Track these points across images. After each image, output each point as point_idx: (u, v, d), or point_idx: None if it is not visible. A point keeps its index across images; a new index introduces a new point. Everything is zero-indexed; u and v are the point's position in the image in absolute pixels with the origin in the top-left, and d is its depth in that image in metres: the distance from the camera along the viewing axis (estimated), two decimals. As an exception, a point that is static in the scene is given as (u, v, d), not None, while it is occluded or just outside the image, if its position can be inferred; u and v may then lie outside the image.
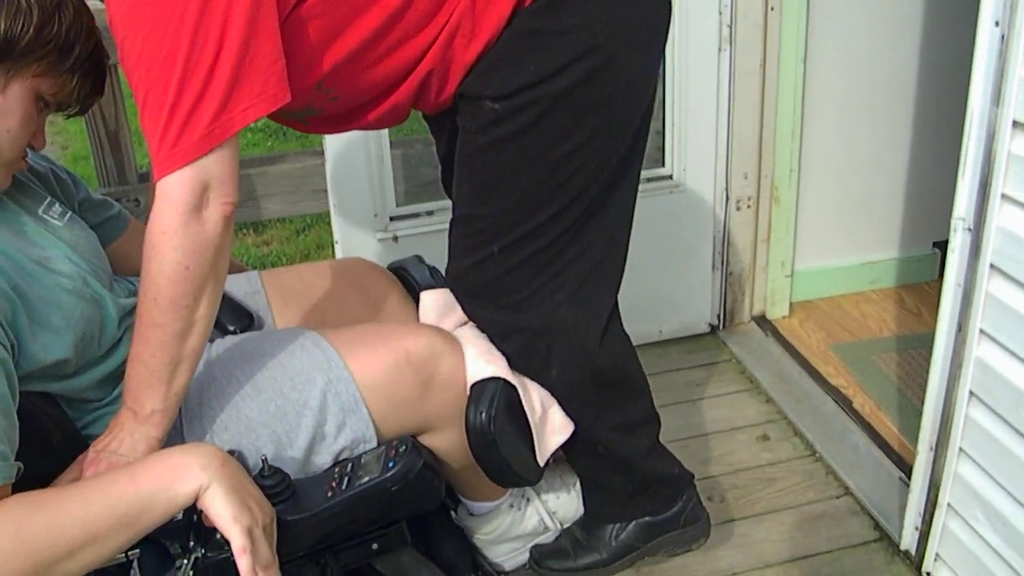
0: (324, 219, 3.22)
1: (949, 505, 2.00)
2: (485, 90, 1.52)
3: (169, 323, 1.32)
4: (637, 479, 1.87)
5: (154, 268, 1.30)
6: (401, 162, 2.82)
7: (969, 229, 1.78)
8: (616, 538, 1.91)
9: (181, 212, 1.28)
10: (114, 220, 1.71)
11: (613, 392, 1.77)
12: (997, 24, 1.62)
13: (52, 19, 1.31)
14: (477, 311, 1.68)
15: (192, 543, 1.29)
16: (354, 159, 2.55)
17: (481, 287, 1.66)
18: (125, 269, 1.71)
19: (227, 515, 1.21)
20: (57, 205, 1.50)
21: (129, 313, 1.50)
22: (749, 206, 2.94)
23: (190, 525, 1.27)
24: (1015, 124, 1.64)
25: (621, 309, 2.16)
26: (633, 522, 1.91)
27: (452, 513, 1.80)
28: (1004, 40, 1.61)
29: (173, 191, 1.28)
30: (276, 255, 4.04)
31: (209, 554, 1.28)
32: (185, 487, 1.21)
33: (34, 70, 1.32)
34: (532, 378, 1.70)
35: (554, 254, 1.60)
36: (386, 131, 2.55)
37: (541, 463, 1.64)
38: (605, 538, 1.90)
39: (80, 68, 1.37)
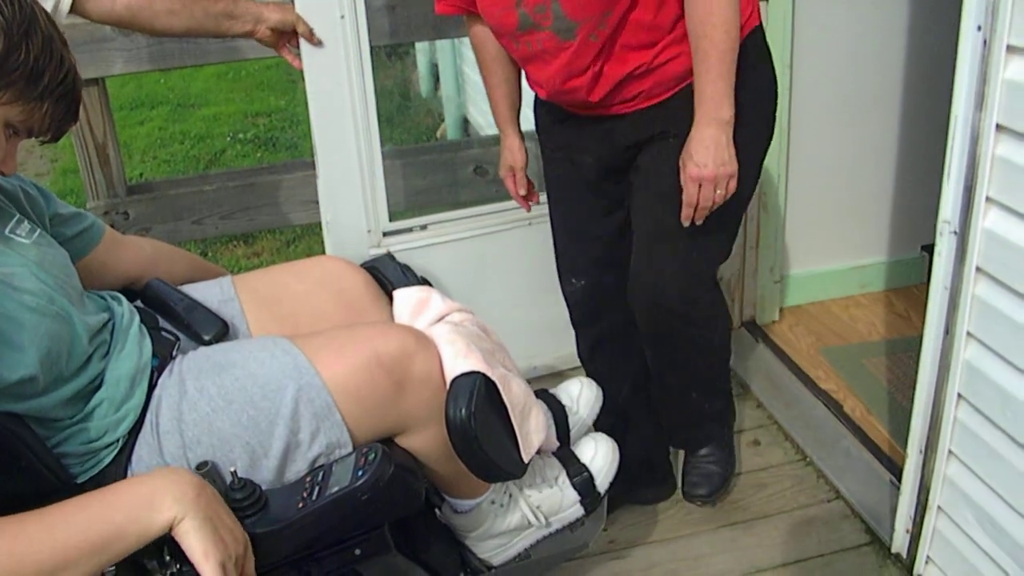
0: (315, 230, 3.23)
1: (939, 507, 2.01)
2: None
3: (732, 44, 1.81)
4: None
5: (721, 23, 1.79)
6: (391, 175, 2.82)
7: (955, 232, 1.79)
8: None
9: None
10: (89, 232, 1.70)
11: None
12: (979, 29, 1.63)
13: (19, 47, 1.29)
14: None
15: (168, 558, 1.29)
16: (347, 174, 2.55)
17: None
18: (103, 280, 1.71)
19: (200, 550, 1.23)
20: (25, 223, 1.49)
21: (100, 331, 1.50)
22: (737, 212, 2.95)
23: (165, 541, 1.27)
24: (998, 127, 1.65)
25: None
26: None
27: (437, 511, 1.80)
28: (986, 44, 1.62)
29: None
30: (267, 266, 4.04)
31: (184, 568, 1.27)
32: (158, 518, 1.22)
33: (2, 98, 1.31)
34: None
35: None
36: (378, 146, 2.55)
37: (525, 458, 1.65)
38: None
39: (50, 96, 1.35)
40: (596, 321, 2.39)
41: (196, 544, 1.22)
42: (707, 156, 1.85)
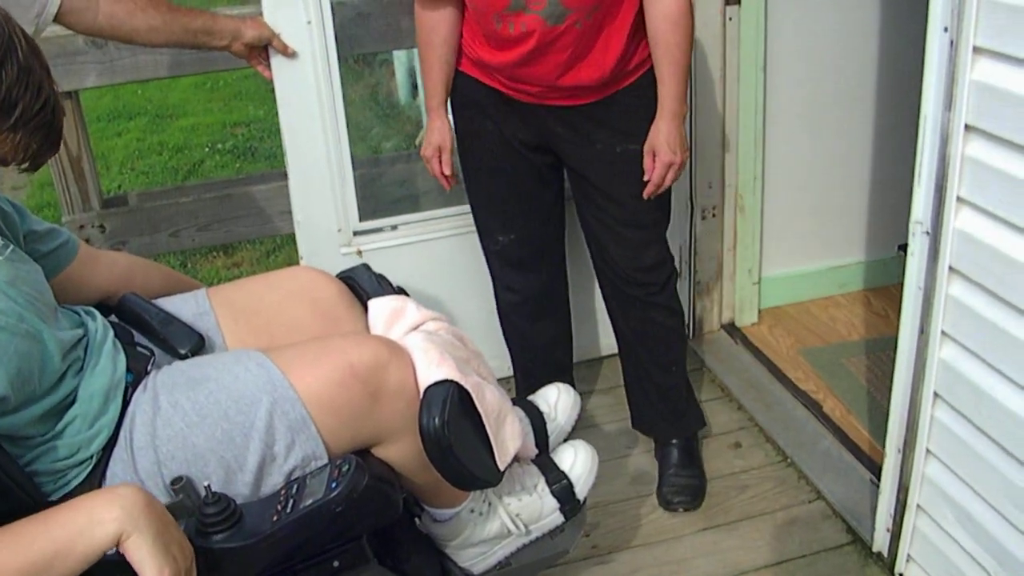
0: (294, 239, 3.22)
1: (919, 506, 2.02)
2: None
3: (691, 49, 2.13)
4: None
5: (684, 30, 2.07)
6: (369, 183, 2.83)
7: (927, 232, 1.80)
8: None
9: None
10: (64, 248, 1.69)
11: None
12: (946, 30, 1.64)
13: None
14: None
15: None
16: (317, 176, 2.56)
17: None
18: (78, 295, 1.70)
19: (153, 567, 1.21)
20: None
21: (73, 347, 1.49)
22: (714, 215, 2.96)
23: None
24: (967, 128, 1.66)
25: (587, 321, 2.87)
26: None
27: (416, 521, 1.80)
28: (953, 45, 1.63)
29: None
30: (247, 276, 4.02)
31: None
32: (103, 532, 1.20)
33: None
34: None
35: None
36: (347, 146, 2.57)
37: (501, 466, 1.65)
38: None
39: (24, 127, 1.34)
40: (522, 273, 2.54)
41: (148, 560, 1.21)
42: (675, 145, 2.16)
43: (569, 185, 2.45)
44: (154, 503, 1.27)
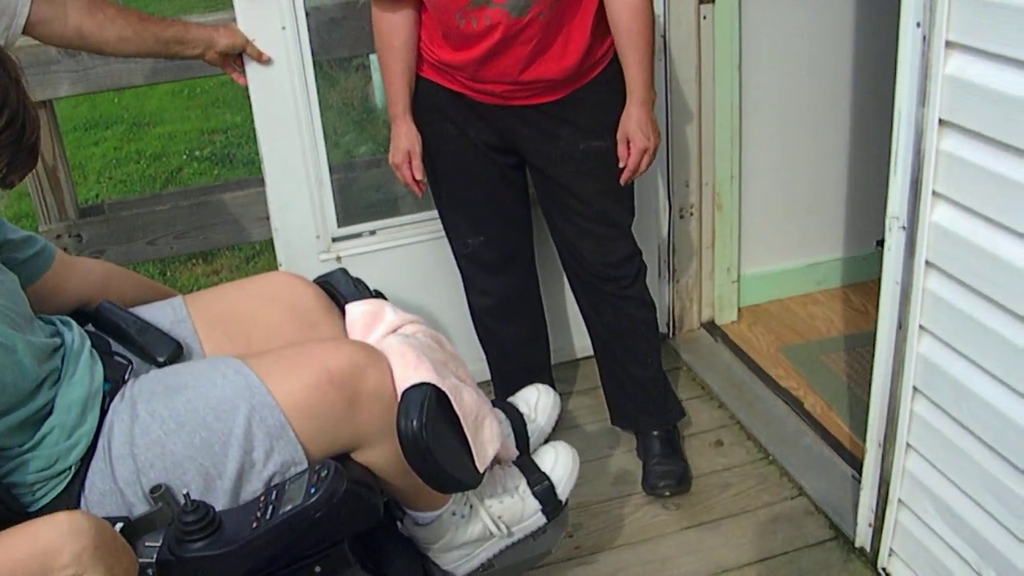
0: (273, 246, 3.21)
1: (900, 500, 2.03)
2: None
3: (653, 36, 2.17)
4: None
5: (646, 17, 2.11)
6: (345, 188, 2.82)
7: (904, 227, 1.81)
8: None
9: None
10: (40, 256, 1.68)
11: None
12: (919, 25, 1.65)
13: None
14: None
15: None
16: (294, 182, 2.56)
17: None
18: (55, 302, 1.69)
19: None
20: None
21: (50, 356, 1.49)
22: (692, 214, 2.96)
23: None
24: (942, 122, 1.67)
25: (561, 324, 2.94)
26: None
27: (399, 524, 1.79)
28: (926, 40, 1.64)
29: None
30: (227, 283, 4.01)
31: None
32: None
33: None
34: None
35: None
36: (324, 152, 2.56)
37: (480, 468, 1.65)
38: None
39: None
40: (493, 275, 2.56)
41: None
42: (649, 130, 2.20)
43: (534, 186, 2.46)
44: (105, 534, 1.25)
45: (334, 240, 2.67)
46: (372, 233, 2.72)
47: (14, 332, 1.42)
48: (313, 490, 1.39)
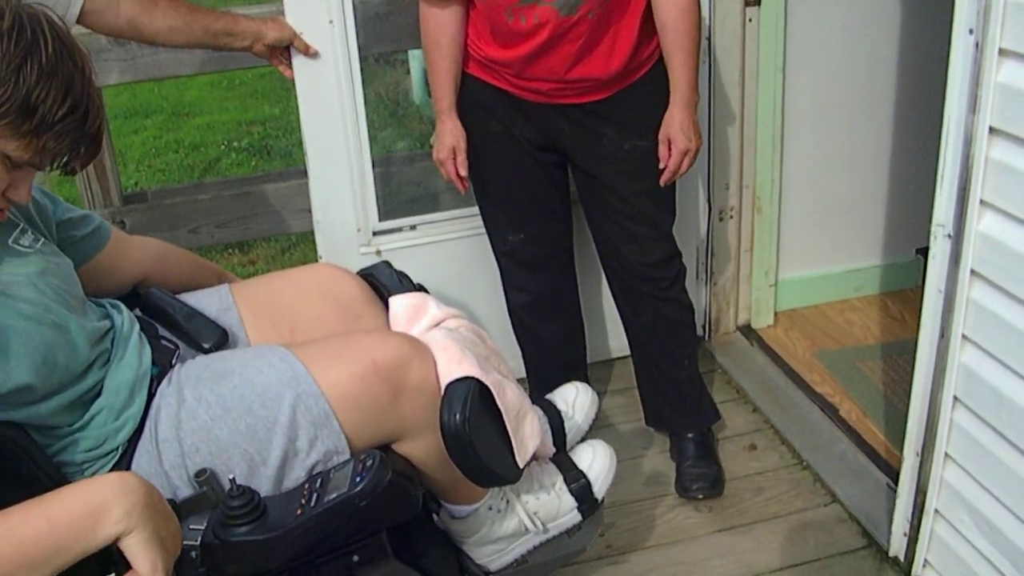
0: (309, 237, 3.23)
1: (936, 510, 2.01)
2: None
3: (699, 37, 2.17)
4: None
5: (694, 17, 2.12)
6: (384, 182, 2.84)
7: (949, 236, 1.80)
8: None
9: None
10: (97, 233, 1.71)
11: None
12: (971, 32, 1.64)
13: (8, 81, 1.26)
14: None
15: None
16: (337, 175, 2.57)
17: None
18: (114, 279, 1.72)
19: (148, 562, 1.21)
20: (29, 233, 1.49)
21: (101, 339, 1.50)
22: (732, 216, 2.96)
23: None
24: (992, 130, 1.66)
25: (598, 323, 2.94)
26: None
27: (434, 517, 1.80)
28: (978, 48, 1.63)
29: None
30: (262, 273, 4.03)
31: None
32: (104, 532, 1.20)
33: None
34: None
35: None
36: (367, 146, 2.58)
37: (520, 463, 1.65)
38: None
39: (48, 130, 1.31)
40: (532, 273, 2.56)
41: (144, 557, 1.20)
42: (691, 132, 2.21)
43: (575, 184, 2.47)
44: (153, 496, 1.26)
45: (375, 234, 2.68)
46: (412, 228, 2.74)
47: (69, 313, 1.44)
48: (359, 479, 1.40)
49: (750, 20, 2.73)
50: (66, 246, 1.62)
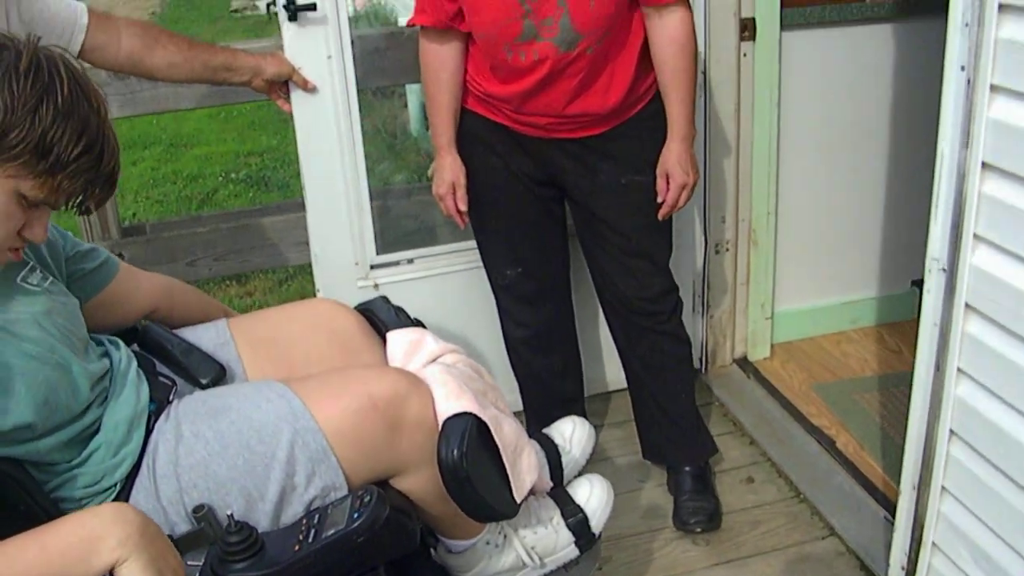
0: (307, 269, 3.24)
1: (934, 544, 2.01)
2: None
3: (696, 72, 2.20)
4: None
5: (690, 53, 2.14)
6: (382, 214, 2.85)
7: (944, 269, 1.80)
8: None
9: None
10: (106, 265, 1.73)
11: None
12: (963, 68, 1.66)
13: (23, 121, 1.28)
14: None
15: None
16: (335, 209, 2.59)
17: None
18: (121, 313, 1.74)
19: None
20: (38, 271, 1.50)
21: (101, 378, 1.51)
22: (728, 249, 2.97)
23: None
24: (984, 165, 1.67)
25: (595, 356, 2.96)
26: None
27: (432, 552, 1.80)
28: (970, 84, 1.64)
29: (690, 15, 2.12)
30: (259, 306, 4.04)
31: None
32: (100, 561, 1.20)
33: (7, 170, 1.30)
34: None
35: None
36: (365, 181, 2.59)
37: (518, 499, 1.65)
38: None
39: (63, 170, 1.32)
40: (530, 307, 2.56)
41: None
42: (688, 166, 2.22)
43: (572, 218, 2.48)
44: (149, 527, 1.27)
45: (372, 267, 2.69)
46: (410, 261, 2.75)
47: (72, 354, 1.45)
48: (356, 515, 1.40)
49: (745, 55, 2.76)
50: (75, 280, 1.63)
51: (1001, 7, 1.57)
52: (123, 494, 1.46)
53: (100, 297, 1.69)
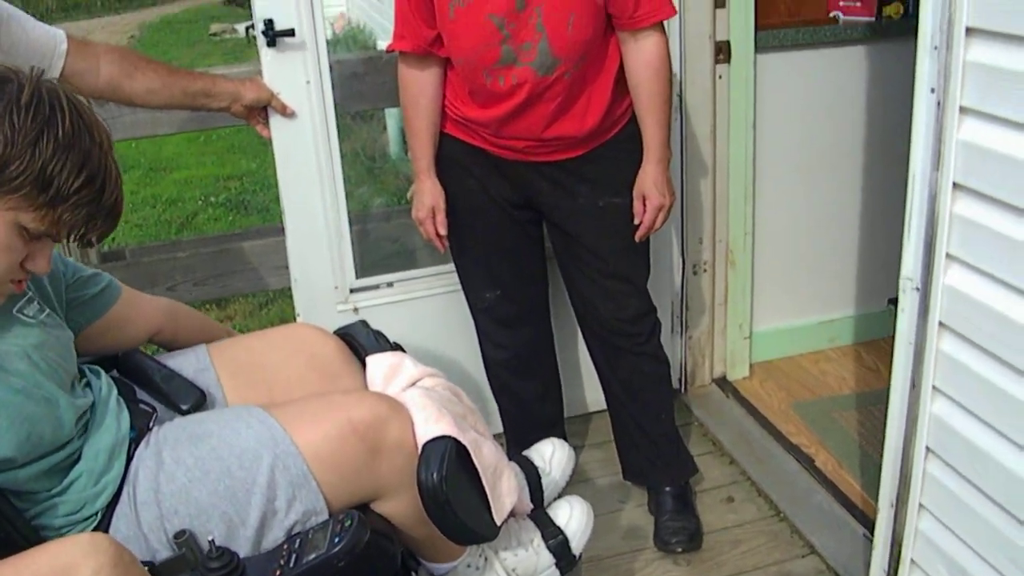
0: (287, 293, 3.24)
1: (912, 560, 2.02)
2: None
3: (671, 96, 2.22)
4: None
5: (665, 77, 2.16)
6: (361, 238, 2.85)
7: (917, 289, 1.82)
8: None
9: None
10: (107, 291, 1.74)
11: None
12: (933, 91, 1.68)
13: (24, 154, 1.28)
14: None
15: None
16: (314, 233, 2.59)
17: None
18: (125, 335, 1.76)
19: None
20: (35, 303, 1.50)
21: (85, 413, 1.51)
22: (706, 270, 2.99)
23: None
24: (955, 186, 1.69)
25: (574, 378, 2.95)
26: None
27: (413, 575, 1.80)
28: (940, 106, 1.67)
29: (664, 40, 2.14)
30: (240, 330, 4.02)
31: None
32: None
33: (8, 202, 1.30)
34: None
35: None
36: (344, 205, 2.60)
37: (498, 521, 1.66)
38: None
39: (64, 202, 1.33)
40: (509, 330, 2.57)
41: None
42: (664, 188, 2.25)
43: (551, 241, 2.49)
44: (124, 557, 1.27)
45: (352, 291, 2.70)
46: (389, 285, 2.75)
47: (59, 389, 1.45)
48: (337, 539, 1.41)
49: (720, 77, 2.78)
50: (76, 305, 1.64)
51: (968, 31, 1.59)
52: (104, 522, 1.46)
53: (102, 321, 1.71)
